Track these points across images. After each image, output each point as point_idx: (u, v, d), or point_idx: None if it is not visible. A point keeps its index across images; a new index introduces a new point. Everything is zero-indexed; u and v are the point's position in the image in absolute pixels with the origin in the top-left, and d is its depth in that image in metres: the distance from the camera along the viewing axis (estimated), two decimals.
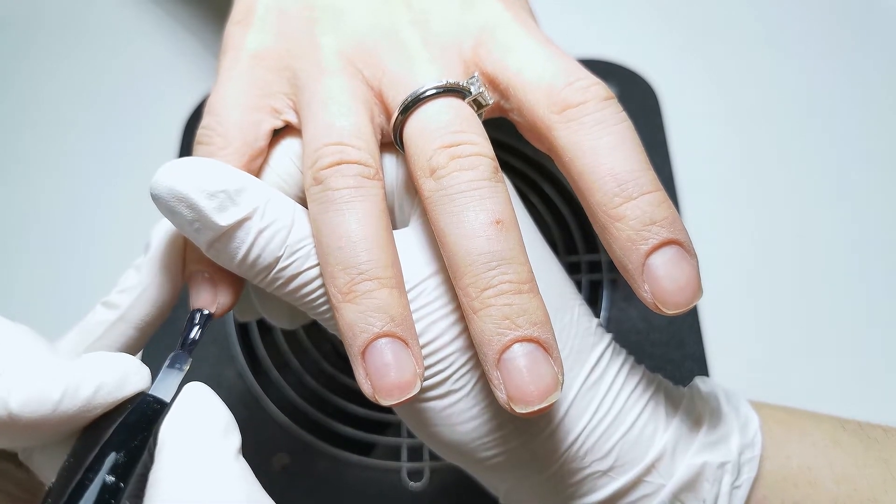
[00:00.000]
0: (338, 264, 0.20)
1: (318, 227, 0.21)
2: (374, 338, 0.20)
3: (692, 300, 0.20)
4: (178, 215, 0.20)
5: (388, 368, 0.19)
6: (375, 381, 0.20)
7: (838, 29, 0.48)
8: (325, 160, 0.21)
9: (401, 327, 0.20)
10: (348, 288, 0.20)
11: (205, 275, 0.22)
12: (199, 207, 0.20)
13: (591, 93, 0.21)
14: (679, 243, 0.20)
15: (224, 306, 0.22)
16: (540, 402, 0.19)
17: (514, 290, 0.19)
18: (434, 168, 0.21)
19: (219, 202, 0.20)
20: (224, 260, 0.21)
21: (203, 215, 0.20)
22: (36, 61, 0.49)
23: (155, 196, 0.21)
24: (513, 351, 0.19)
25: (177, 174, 0.20)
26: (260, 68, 0.24)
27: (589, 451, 0.22)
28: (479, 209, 0.20)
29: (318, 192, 0.21)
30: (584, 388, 0.22)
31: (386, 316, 0.20)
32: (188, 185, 0.20)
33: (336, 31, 0.24)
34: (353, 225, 0.20)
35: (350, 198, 0.21)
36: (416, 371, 0.20)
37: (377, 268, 0.20)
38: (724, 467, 0.22)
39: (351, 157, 0.21)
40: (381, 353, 0.20)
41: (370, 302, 0.20)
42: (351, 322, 0.20)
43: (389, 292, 0.20)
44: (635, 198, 0.20)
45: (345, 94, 0.23)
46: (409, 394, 0.20)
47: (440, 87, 0.22)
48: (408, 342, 0.20)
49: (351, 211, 0.21)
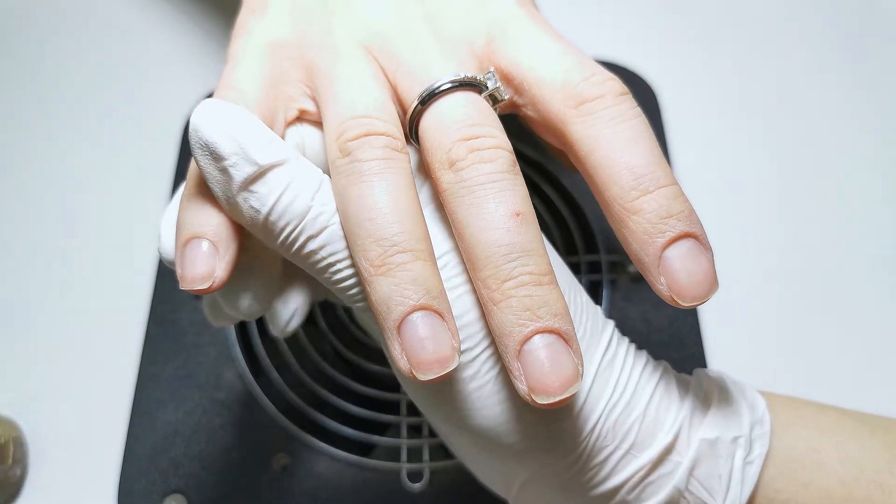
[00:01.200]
0: (369, 237, 0.19)
1: (346, 200, 0.20)
2: (410, 310, 0.19)
3: (708, 293, 0.20)
4: (216, 148, 0.20)
5: (426, 342, 0.19)
6: (413, 355, 0.19)
7: (839, 29, 0.48)
8: (352, 132, 0.21)
9: (437, 300, 0.19)
10: (381, 260, 0.19)
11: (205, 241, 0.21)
12: (241, 140, 0.20)
13: (608, 87, 0.21)
14: (695, 237, 0.20)
15: (221, 280, 0.21)
16: (561, 393, 0.19)
17: (535, 282, 0.19)
18: (453, 160, 0.20)
19: (258, 141, 0.20)
20: (250, 209, 0.20)
21: (244, 148, 0.20)
22: (35, 60, 0.49)
23: (196, 126, 0.20)
24: (533, 342, 0.19)
25: (221, 107, 0.20)
26: (276, 56, 0.24)
27: (610, 430, 0.22)
28: (499, 201, 0.20)
29: (345, 163, 0.20)
30: (602, 366, 0.22)
31: (422, 289, 0.19)
32: (232, 118, 0.20)
33: (351, 22, 0.24)
34: (383, 196, 0.20)
35: (379, 169, 0.20)
36: (453, 345, 0.19)
37: (411, 240, 0.20)
38: (737, 441, 0.22)
39: (379, 128, 0.21)
40: (418, 327, 0.19)
41: (405, 274, 0.19)
42: (386, 295, 0.19)
43: (424, 265, 0.19)
44: (652, 191, 0.20)
45: (366, 75, 0.23)
46: (448, 368, 0.19)
47: (457, 81, 0.22)
48: (444, 315, 0.19)
49: (381, 182, 0.20)
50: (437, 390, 0.22)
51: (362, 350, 0.35)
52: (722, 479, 0.22)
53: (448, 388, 0.21)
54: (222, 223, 0.21)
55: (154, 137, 0.44)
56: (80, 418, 0.36)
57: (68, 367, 0.37)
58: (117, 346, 0.37)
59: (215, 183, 0.20)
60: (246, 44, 0.24)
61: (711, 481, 0.22)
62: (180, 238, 0.21)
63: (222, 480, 0.32)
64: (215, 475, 0.32)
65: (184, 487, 0.32)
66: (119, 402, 0.35)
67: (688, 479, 0.22)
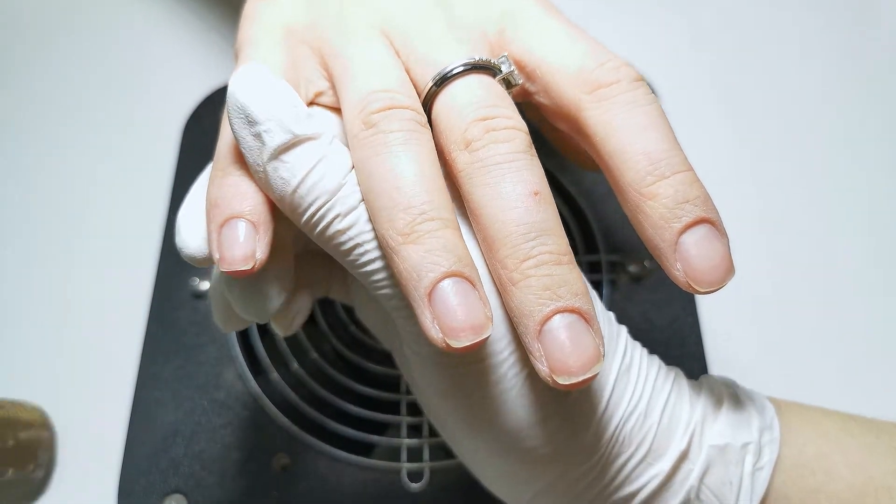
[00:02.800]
0: (396, 206, 0.19)
1: (371, 171, 0.20)
2: (441, 277, 0.18)
3: (725, 279, 0.20)
4: (252, 112, 0.20)
5: (457, 309, 0.18)
6: (445, 322, 0.18)
7: (839, 29, 0.48)
8: (376, 105, 0.20)
9: (468, 268, 0.19)
10: (410, 228, 0.19)
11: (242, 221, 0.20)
12: (277, 107, 0.19)
13: (623, 73, 0.21)
14: (712, 222, 0.20)
15: (262, 259, 0.20)
16: (583, 374, 0.18)
17: (555, 261, 0.19)
18: (469, 140, 0.20)
19: (295, 112, 0.20)
20: (280, 179, 0.20)
21: (280, 116, 0.19)
22: (34, 60, 0.48)
23: (233, 90, 0.20)
24: (554, 322, 0.19)
25: (260, 74, 0.20)
26: (292, 40, 0.24)
27: (627, 437, 0.21)
28: (516, 180, 0.20)
29: (369, 135, 0.20)
30: (620, 374, 0.22)
31: (453, 255, 0.19)
32: (271, 84, 0.20)
33: (365, 6, 0.24)
34: (410, 166, 0.19)
35: (405, 139, 0.20)
36: (486, 313, 0.19)
37: (439, 208, 0.19)
38: (747, 447, 0.22)
39: (403, 103, 0.21)
40: (449, 294, 0.18)
41: (435, 241, 0.19)
42: (416, 263, 0.19)
43: (453, 233, 0.19)
44: (668, 176, 0.20)
45: (384, 55, 0.22)
46: (482, 336, 0.18)
47: (470, 64, 0.21)
48: (474, 283, 0.19)
49: (407, 153, 0.20)
50: (459, 393, 0.21)
51: (362, 350, 0.35)
52: (732, 485, 0.22)
53: (474, 392, 0.21)
54: (260, 202, 0.21)
55: (154, 137, 0.44)
56: (80, 418, 0.36)
57: (68, 367, 0.37)
58: (117, 346, 0.37)
59: (248, 150, 0.20)
60: (260, 29, 0.24)
61: (722, 488, 0.22)
62: (216, 218, 0.21)
63: (222, 480, 0.32)
64: (215, 475, 0.32)
65: (184, 487, 0.32)
66: (119, 402, 0.35)
67: (699, 485, 0.22)
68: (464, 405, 0.21)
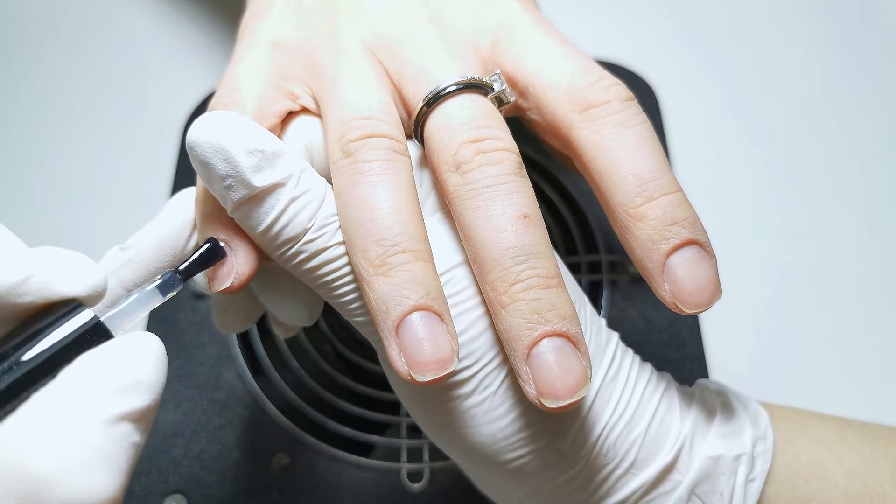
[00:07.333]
0: (370, 237, 0.19)
1: (347, 200, 0.20)
2: (409, 310, 0.19)
3: (712, 300, 0.20)
4: (211, 169, 0.19)
5: (423, 343, 0.19)
6: (410, 356, 0.19)
7: (839, 29, 0.48)
8: (354, 133, 0.21)
9: (436, 301, 0.19)
10: (381, 260, 0.19)
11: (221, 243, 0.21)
12: (236, 162, 0.19)
13: (613, 93, 0.21)
14: (699, 244, 0.20)
15: (243, 276, 0.21)
16: (570, 397, 0.19)
17: (543, 285, 0.19)
18: (460, 163, 0.20)
19: (256, 161, 0.19)
20: (249, 225, 0.20)
21: (239, 172, 0.19)
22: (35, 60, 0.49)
23: (192, 145, 0.20)
24: (542, 346, 0.19)
25: (218, 125, 0.20)
26: (279, 54, 0.24)
27: (611, 448, 0.21)
28: (506, 203, 0.20)
29: (347, 164, 0.20)
30: (605, 383, 0.22)
31: (421, 289, 0.19)
32: (228, 138, 0.19)
33: (356, 24, 0.24)
34: (384, 196, 0.20)
35: (381, 170, 0.20)
36: (452, 347, 0.19)
37: (411, 240, 0.19)
38: (740, 459, 0.22)
39: (382, 130, 0.21)
40: (416, 328, 0.19)
41: (405, 274, 0.19)
42: (384, 295, 0.19)
43: (424, 265, 0.19)
44: (656, 198, 0.20)
45: (368, 76, 0.22)
46: (446, 370, 0.19)
47: (462, 83, 0.22)
48: (443, 317, 0.19)
49: (382, 183, 0.20)
50: (438, 409, 0.21)
51: (362, 350, 0.35)
52: (724, 496, 0.22)
53: (446, 404, 0.21)
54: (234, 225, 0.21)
55: (154, 137, 0.44)
56: None
57: None
58: None
59: (217, 197, 0.20)
60: (248, 44, 0.24)
61: (713, 498, 0.22)
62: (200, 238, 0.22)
63: (222, 480, 0.32)
64: (215, 475, 0.32)
65: (184, 487, 0.32)
66: None
67: (689, 496, 0.22)
68: (438, 418, 0.22)
